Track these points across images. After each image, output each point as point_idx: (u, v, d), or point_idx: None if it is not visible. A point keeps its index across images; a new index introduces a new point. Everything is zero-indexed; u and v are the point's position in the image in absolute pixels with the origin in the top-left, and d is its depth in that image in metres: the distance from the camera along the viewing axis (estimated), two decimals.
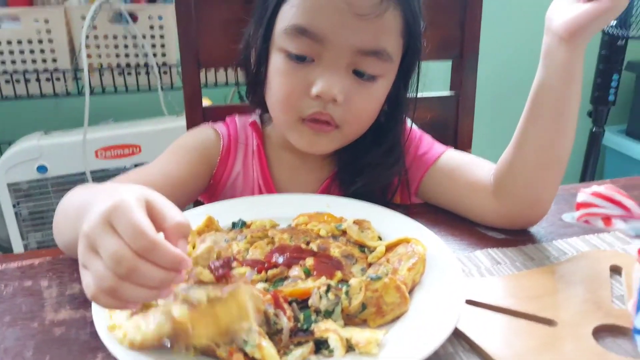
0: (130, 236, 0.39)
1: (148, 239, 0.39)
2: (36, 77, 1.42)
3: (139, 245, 0.39)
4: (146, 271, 0.39)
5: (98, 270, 0.40)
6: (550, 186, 0.66)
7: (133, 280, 0.39)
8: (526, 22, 2.17)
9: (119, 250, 0.39)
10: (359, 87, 0.67)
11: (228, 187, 0.77)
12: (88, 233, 0.40)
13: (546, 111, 0.63)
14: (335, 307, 0.47)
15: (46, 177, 1.43)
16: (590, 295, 0.53)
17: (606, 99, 1.74)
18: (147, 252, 0.39)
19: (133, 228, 0.39)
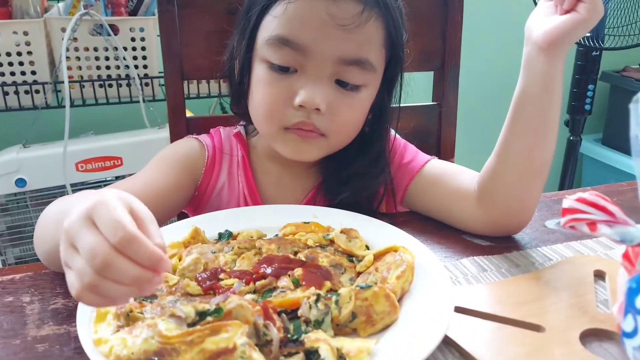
0: (109, 229, 0.39)
1: (126, 231, 0.38)
2: (15, 90, 1.39)
3: (117, 237, 0.38)
4: (121, 266, 0.38)
5: (78, 266, 0.39)
6: (533, 194, 0.67)
7: (109, 275, 0.38)
8: (507, 32, 2.21)
9: (95, 244, 0.38)
10: (342, 96, 0.67)
11: (213, 198, 0.77)
12: (68, 229, 0.40)
13: (527, 120, 0.64)
14: (325, 317, 0.47)
15: (25, 190, 1.40)
16: (576, 300, 0.54)
17: (582, 109, 1.78)
18: (124, 245, 0.38)
19: (113, 221, 0.39)
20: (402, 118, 0.79)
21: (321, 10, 0.63)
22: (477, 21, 2.09)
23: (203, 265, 0.55)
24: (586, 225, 0.49)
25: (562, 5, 0.60)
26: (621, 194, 0.81)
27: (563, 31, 0.60)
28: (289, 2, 0.64)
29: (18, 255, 1.47)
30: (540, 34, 0.61)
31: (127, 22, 1.43)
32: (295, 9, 0.64)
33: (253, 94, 0.70)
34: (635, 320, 0.40)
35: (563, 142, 1.90)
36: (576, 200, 0.50)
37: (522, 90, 0.64)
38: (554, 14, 0.61)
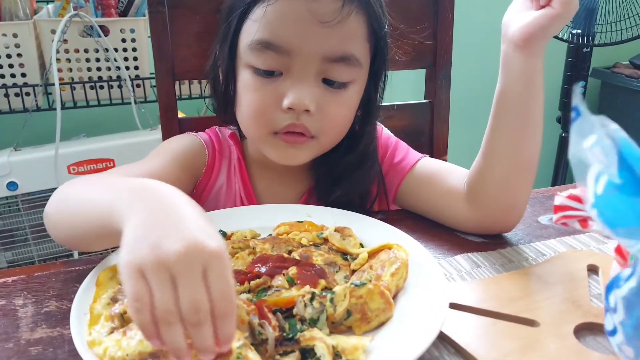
0: (219, 295, 0.37)
1: (232, 306, 0.38)
2: (5, 93, 1.38)
3: (222, 308, 0.37)
4: (206, 334, 0.37)
5: (164, 298, 0.37)
6: (522, 191, 0.66)
7: (189, 331, 0.37)
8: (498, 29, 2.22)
9: (202, 302, 0.37)
10: (330, 95, 0.67)
11: (211, 199, 0.76)
12: (175, 262, 0.37)
13: (510, 118, 0.64)
14: (320, 315, 0.47)
15: (16, 194, 1.39)
16: (569, 295, 0.55)
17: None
18: (223, 317, 0.37)
19: (225, 288, 0.38)
20: (395, 116, 0.79)
21: (301, 8, 0.62)
22: (469, 19, 2.09)
23: None
24: (578, 222, 0.50)
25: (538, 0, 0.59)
26: None
27: (538, 27, 0.59)
28: (267, 4, 0.63)
29: (10, 259, 1.46)
30: (515, 30, 0.61)
31: (117, 23, 1.42)
32: (275, 11, 0.63)
33: (240, 100, 0.69)
34: (612, 318, 0.41)
35: (555, 139, 1.91)
36: (567, 198, 0.51)
37: (502, 89, 0.64)
38: (530, 9, 0.60)
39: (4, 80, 1.38)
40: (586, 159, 0.38)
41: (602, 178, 0.37)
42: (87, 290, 0.50)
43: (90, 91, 1.46)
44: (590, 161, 0.38)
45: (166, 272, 0.37)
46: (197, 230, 0.39)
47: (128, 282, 0.38)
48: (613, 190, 0.36)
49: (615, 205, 0.36)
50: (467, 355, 0.47)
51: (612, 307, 0.41)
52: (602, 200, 0.37)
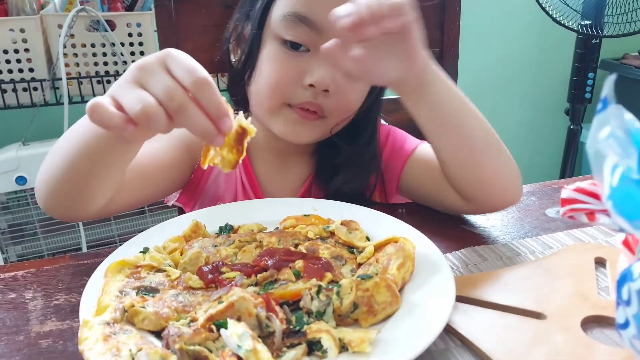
0: (184, 73, 0.42)
1: (201, 75, 0.42)
2: (13, 88, 1.39)
3: (192, 79, 0.41)
4: (194, 113, 0.42)
5: (142, 96, 0.42)
6: (490, 169, 0.64)
7: (178, 120, 0.42)
8: (506, 22, 2.21)
9: (173, 86, 0.42)
10: (349, 79, 0.67)
11: (211, 182, 0.76)
12: (142, 66, 0.43)
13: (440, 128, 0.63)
14: (326, 308, 0.47)
15: (25, 188, 1.40)
16: (577, 288, 0.54)
17: (583, 97, 1.78)
18: (199, 87, 0.42)
19: (188, 65, 0.42)
20: (401, 109, 0.79)
21: None
22: (477, 11, 2.08)
23: (204, 259, 0.55)
24: (585, 215, 0.49)
25: None
26: None
27: None
28: None
29: (20, 253, 1.48)
30: None
31: (123, 17, 1.42)
32: None
33: (261, 70, 0.69)
34: (625, 312, 0.40)
35: (563, 131, 1.90)
36: (574, 190, 0.50)
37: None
38: None
39: (11, 75, 1.39)
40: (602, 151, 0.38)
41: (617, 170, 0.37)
42: (96, 284, 0.51)
43: (97, 86, 1.46)
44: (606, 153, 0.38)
45: (136, 80, 0.43)
46: (152, 55, 0.45)
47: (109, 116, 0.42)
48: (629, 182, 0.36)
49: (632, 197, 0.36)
50: (474, 348, 0.47)
51: (624, 299, 0.40)
52: (617, 192, 0.37)
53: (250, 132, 0.48)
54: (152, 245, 0.57)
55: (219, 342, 0.43)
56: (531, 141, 2.42)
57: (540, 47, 2.28)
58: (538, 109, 2.38)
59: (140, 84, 0.43)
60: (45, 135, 1.47)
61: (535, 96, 2.36)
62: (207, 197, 0.75)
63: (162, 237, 0.59)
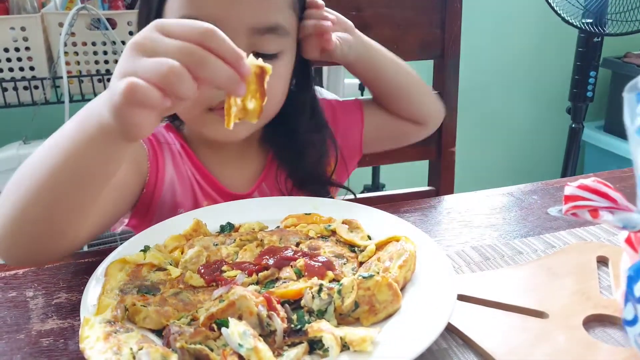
0: (186, 29, 0.41)
1: (205, 25, 0.41)
2: (14, 86, 1.39)
3: (198, 32, 0.41)
4: (215, 63, 0.41)
5: (161, 60, 0.40)
6: (415, 92, 0.83)
7: (202, 73, 0.41)
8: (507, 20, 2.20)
9: (185, 44, 0.41)
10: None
11: (166, 191, 0.72)
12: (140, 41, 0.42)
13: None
14: (328, 307, 0.47)
15: None
16: (579, 287, 0.54)
17: (584, 96, 1.77)
18: (210, 37, 0.41)
19: (186, 23, 0.42)
20: None
21: None
22: (478, 9, 2.08)
23: (205, 257, 0.55)
24: (588, 213, 0.49)
25: None
26: (623, 180, 0.81)
27: None
28: None
29: None
30: None
31: (124, 15, 1.42)
32: None
33: None
34: (635, 308, 0.40)
35: (565, 130, 1.90)
36: (578, 187, 0.50)
37: None
38: None
39: (12, 73, 1.38)
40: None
41: None
42: (97, 282, 0.51)
43: (98, 84, 1.46)
44: None
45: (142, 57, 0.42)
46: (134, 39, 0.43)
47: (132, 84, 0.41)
48: None
49: None
50: (476, 347, 0.47)
51: (636, 297, 0.40)
52: None
53: (268, 70, 0.47)
54: (153, 244, 0.57)
55: (220, 341, 0.43)
56: (533, 140, 2.42)
57: (541, 46, 2.27)
58: (540, 107, 2.38)
59: (148, 55, 0.42)
60: (46, 133, 1.45)
61: (537, 95, 2.36)
62: (164, 208, 0.71)
63: (163, 235, 0.59)
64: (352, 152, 0.85)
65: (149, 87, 0.40)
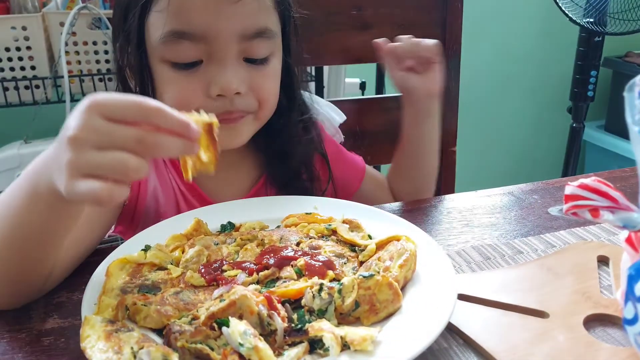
0: (127, 110, 0.40)
1: (144, 103, 0.40)
2: (15, 85, 1.39)
3: (140, 112, 0.40)
4: (165, 140, 0.41)
5: (117, 157, 0.40)
6: (427, 189, 0.85)
7: (155, 154, 0.41)
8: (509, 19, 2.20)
9: (133, 131, 0.40)
10: (256, 72, 0.66)
11: (148, 204, 0.71)
12: (80, 129, 0.40)
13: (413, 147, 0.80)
14: (328, 306, 0.47)
15: None
16: (579, 286, 0.54)
17: (585, 95, 1.77)
18: (151, 115, 0.40)
19: (124, 103, 0.40)
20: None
21: None
22: (479, 8, 2.07)
23: (206, 257, 0.55)
24: (588, 212, 0.49)
25: None
26: (624, 180, 0.81)
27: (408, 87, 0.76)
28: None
29: None
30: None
31: None
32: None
33: (162, 96, 0.65)
34: (636, 307, 0.40)
35: (566, 130, 1.89)
36: (578, 187, 0.50)
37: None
38: None
39: (13, 73, 1.38)
40: None
41: None
42: (98, 281, 0.51)
43: (99, 83, 1.46)
44: None
45: (92, 149, 0.40)
46: (74, 115, 0.42)
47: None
48: None
49: None
50: (476, 347, 0.47)
51: (637, 296, 0.40)
52: None
53: (215, 123, 0.47)
54: (154, 243, 0.57)
55: (221, 340, 0.43)
56: (533, 139, 2.41)
57: (542, 45, 2.27)
58: (540, 107, 2.37)
59: (97, 147, 0.40)
60: (47, 133, 1.47)
61: (538, 94, 2.36)
62: (149, 217, 0.71)
63: (163, 235, 0.59)
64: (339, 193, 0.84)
65: (105, 187, 0.40)
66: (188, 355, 0.42)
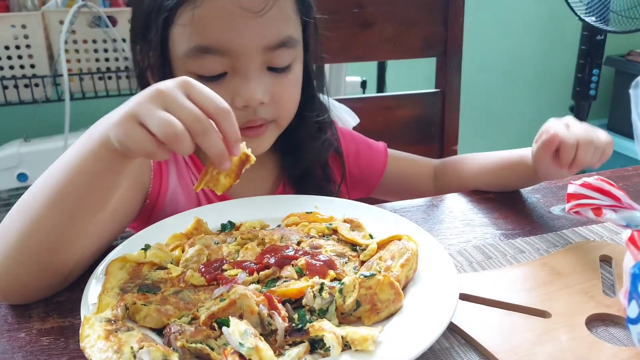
0: (208, 100, 0.45)
1: (224, 104, 0.45)
2: (14, 84, 1.39)
3: (216, 107, 0.45)
4: (213, 137, 0.44)
5: (170, 119, 0.44)
6: None
7: (200, 142, 0.44)
8: (510, 17, 2.19)
9: (198, 111, 0.44)
10: (279, 81, 0.67)
11: (167, 205, 0.72)
12: (164, 90, 0.45)
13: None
14: (329, 306, 0.47)
15: (27, 185, 1.40)
16: (582, 286, 0.54)
17: (587, 94, 1.77)
18: (223, 116, 0.45)
19: (210, 94, 0.45)
20: (405, 106, 0.79)
21: (229, 5, 0.60)
22: (480, 7, 2.07)
23: (206, 256, 0.55)
24: (591, 211, 0.49)
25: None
26: (627, 179, 0.80)
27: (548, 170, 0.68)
28: (194, 8, 0.60)
29: None
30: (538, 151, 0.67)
31: (125, 13, 1.42)
32: (204, 13, 0.61)
33: None
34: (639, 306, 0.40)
35: None
36: (581, 186, 0.50)
37: (522, 161, 0.72)
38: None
39: (13, 71, 1.38)
40: None
41: None
42: (98, 281, 0.50)
43: (98, 82, 1.46)
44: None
45: (157, 106, 0.44)
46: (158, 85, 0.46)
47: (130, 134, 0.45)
48: None
49: None
50: (478, 346, 0.47)
51: None
52: None
53: (252, 160, 0.51)
54: (154, 243, 0.56)
55: (221, 340, 0.43)
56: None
57: (544, 44, 2.27)
58: (542, 105, 2.37)
59: (164, 107, 0.45)
60: (47, 131, 1.47)
61: (540, 93, 2.36)
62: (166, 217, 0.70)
63: (163, 234, 0.59)
64: (362, 186, 0.85)
65: (151, 141, 0.45)
66: (188, 355, 0.42)
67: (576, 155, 0.62)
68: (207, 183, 0.51)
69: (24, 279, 0.52)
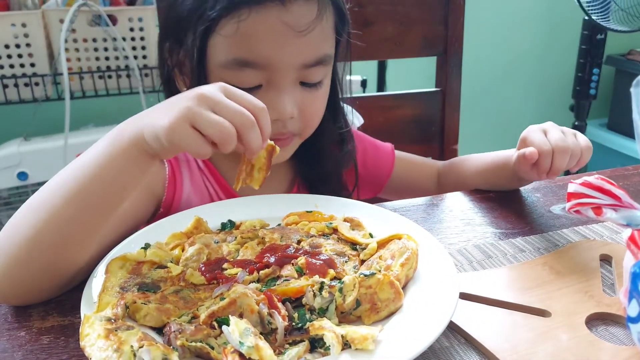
0: (246, 101, 0.49)
1: (261, 103, 0.49)
2: (14, 83, 1.39)
3: (256, 106, 0.49)
4: (256, 133, 0.48)
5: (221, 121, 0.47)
6: None
7: (244, 138, 0.48)
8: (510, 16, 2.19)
9: (243, 111, 0.48)
10: (309, 95, 0.67)
11: (182, 209, 0.70)
12: (207, 94, 0.48)
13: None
14: (329, 305, 0.47)
15: (27, 184, 1.40)
16: (582, 285, 0.54)
17: (587, 93, 1.77)
18: (262, 114, 0.49)
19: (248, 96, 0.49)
20: (405, 105, 0.79)
21: (275, 21, 0.60)
22: (481, 6, 2.07)
23: (206, 255, 0.55)
24: (591, 210, 0.49)
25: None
26: (627, 178, 0.80)
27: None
28: (239, 21, 0.60)
29: None
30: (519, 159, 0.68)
31: (125, 12, 1.42)
32: (248, 26, 0.61)
33: None
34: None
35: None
36: (581, 185, 0.50)
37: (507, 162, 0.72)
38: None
39: (13, 70, 1.38)
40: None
41: None
42: (98, 279, 0.50)
43: (98, 81, 1.46)
44: None
45: (206, 108, 0.47)
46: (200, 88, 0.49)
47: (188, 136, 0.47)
48: None
49: None
50: (478, 346, 0.47)
51: None
52: None
53: (277, 150, 0.55)
54: (154, 242, 0.56)
55: (221, 339, 0.43)
56: None
57: (544, 43, 2.27)
58: (542, 105, 2.37)
59: (211, 109, 0.48)
60: (47, 130, 1.47)
61: (540, 92, 2.35)
62: None
63: (163, 233, 0.59)
64: (370, 186, 0.85)
65: (204, 142, 0.48)
66: (188, 354, 0.42)
67: (552, 163, 0.65)
68: (244, 180, 0.54)
69: (27, 281, 0.51)
